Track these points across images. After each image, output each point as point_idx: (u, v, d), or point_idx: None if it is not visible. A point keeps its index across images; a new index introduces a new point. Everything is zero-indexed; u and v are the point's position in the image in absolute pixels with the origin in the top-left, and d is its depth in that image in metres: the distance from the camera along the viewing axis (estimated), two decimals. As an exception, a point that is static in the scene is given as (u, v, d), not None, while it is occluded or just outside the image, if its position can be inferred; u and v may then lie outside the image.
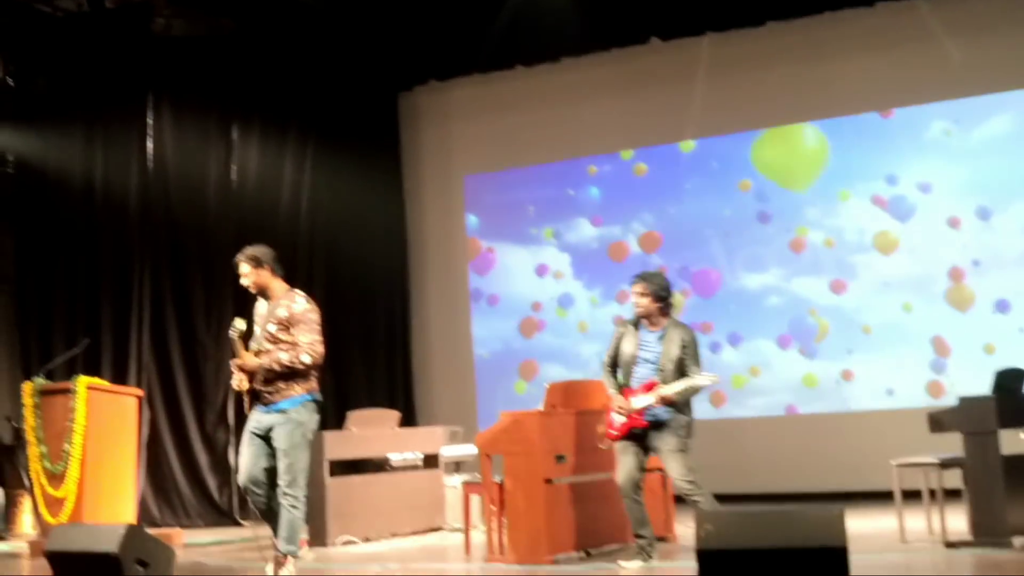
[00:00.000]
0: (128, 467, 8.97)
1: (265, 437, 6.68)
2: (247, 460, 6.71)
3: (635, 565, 6.77)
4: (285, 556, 6.59)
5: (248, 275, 6.88)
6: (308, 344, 6.64)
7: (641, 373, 6.91)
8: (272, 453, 6.66)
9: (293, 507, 6.58)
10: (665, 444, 6.79)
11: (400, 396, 12.98)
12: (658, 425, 6.82)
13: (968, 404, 6.96)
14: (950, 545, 6.89)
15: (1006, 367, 7.48)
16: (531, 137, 13.00)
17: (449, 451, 10.05)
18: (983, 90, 11.10)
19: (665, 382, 6.79)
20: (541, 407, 7.58)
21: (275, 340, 6.69)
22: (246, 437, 6.77)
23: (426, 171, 13.71)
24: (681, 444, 6.78)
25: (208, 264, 11.48)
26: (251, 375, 6.70)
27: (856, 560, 5.15)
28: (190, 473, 11.09)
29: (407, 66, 13.21)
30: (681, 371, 6.82)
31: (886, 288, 11.34)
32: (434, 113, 13.71)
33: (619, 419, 6.93)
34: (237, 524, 10.91)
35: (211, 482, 11.15)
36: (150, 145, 11.26)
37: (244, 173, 12.03)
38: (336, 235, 12.82)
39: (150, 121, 11.28)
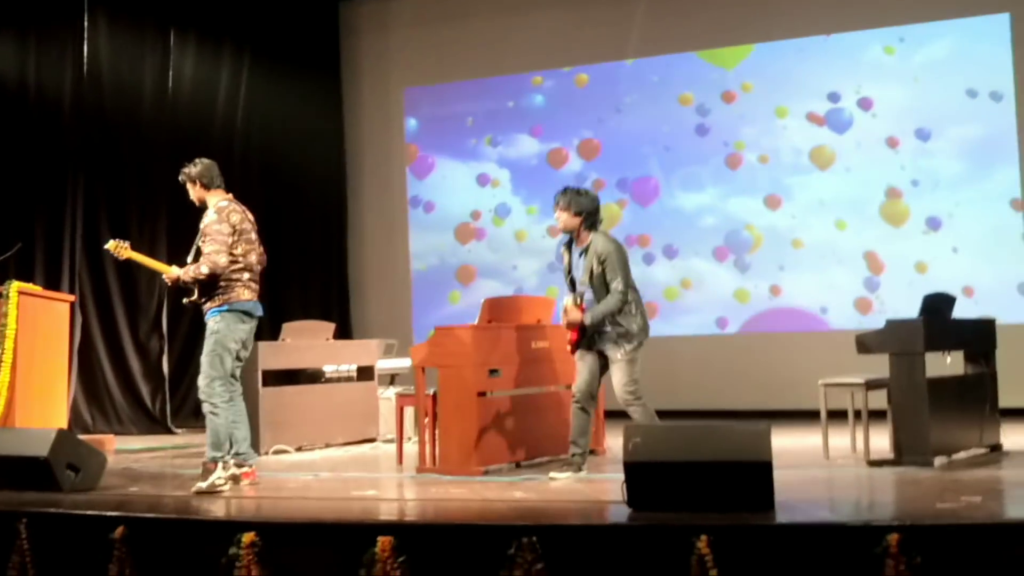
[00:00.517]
0: (60, 373, 8.88)
1: None
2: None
3: (565, 475, 6.86)
4: (212, 462, 6.63)
5: (189, 193, 7.09)
6: (206, 255, 6.77)
7: (581, 292, 6.92)
8: None
9: (212, 413, 6.73)
10: (611, 354, 6.83)
11: (336, 308, 12.96)
12: (603, 337, 6.84)
13: (895, 326, 7.08)
14: (873, 463, 7.04)
15: (935, 291, 7.61)
16: (473, 50, 12.89)
17: (384, 364, 10.07)
18: (925, 17, 11.14)
19: (592, 299, 6.81)
20: (476, 321, 7.60)
21: (200, 252, 6.87)
22: None
23: (365, 83, 13.55)
24: (626, 354, 6.79)
25: (143, 171, 11.33)
26: (176, 287, 6.97)
27: (779, 475, 5.27)
28: (123, 380, 11.03)
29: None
30: (605, 287, 6.79)
31: (821, 206, 11.46)
32: (375, 24, 13.52)
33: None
34: (170, 432, 10.89)
35: (144, 389, 11.09)
36: (86, 49, 10.98)
37: (180, 81, 11.83)
38: (273, 146, 12.68)
39: (86, 25, 10.99)
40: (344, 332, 12.28)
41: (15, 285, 8.50)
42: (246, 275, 6.88)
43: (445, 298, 12.97)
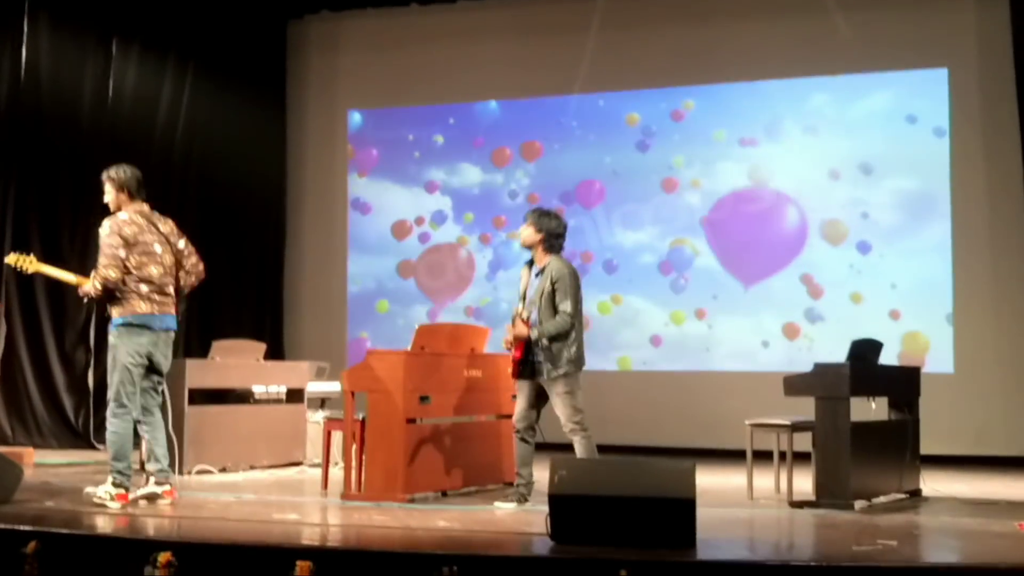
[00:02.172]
0: (-21, 382, 8.71)
1: None
2: None
3: (510, 506, 6.87)
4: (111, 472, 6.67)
5: (107, 194, 7.00)
6: (96, 269, 6.76)
7: (530, 312, 6.96)
8: None
9: (111, 427, 6.69)
10: (552, 387, 6.86)
11: (269, 328, 12.85)
12: (538, 367, 6.85)
13: (822, 370, 7.16)
14: (795, 505, 7.10)
15: (863, 337, 7.70)
16: (420, 76, 12.91)
17: (315, 386, 9.99)
18: (867, 67, 11.34)
19: (538, 318, 6.85)
20: (409, 347, 7.56)
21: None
22: None
23: (310, 102, 13.50)
24: (564, 386, 6.81)
25: (78, 180, 11.12)
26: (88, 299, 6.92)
27: (703, 513, 5.30)
28: (46, 392, 10.81)
29: (299, -6, 12.98)
30: (553, 308, 6.83)
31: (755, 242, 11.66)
32: (323, 44, 13.49)
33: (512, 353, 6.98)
34: (92, 447, 10.70)
35: (67, 403, 10.89)
36: (24, 53, 10.81)
37: (121, 90, 11.69)
38: (213, 160, 12.57)
39: (26, 28, 10.82)
40: (276, 353, 12.17)
41: (-62, 291, 8.34)
42: (144, 287, 6.79)
43: (380, 321, 12.90)
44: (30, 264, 6.97)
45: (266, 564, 4.98)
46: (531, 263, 7.09)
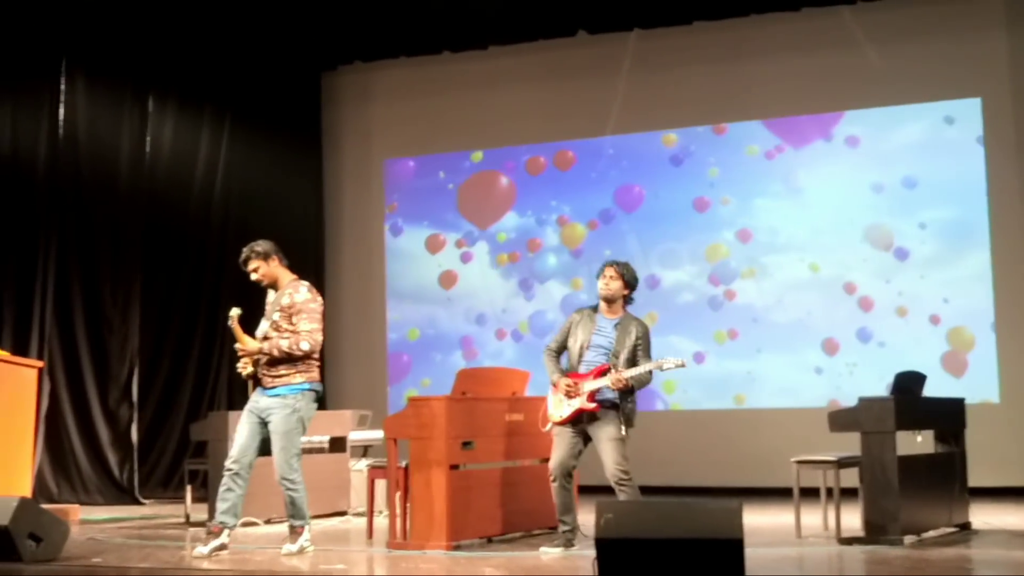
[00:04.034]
0: (25, 440, 8.75)
1: (261, 419, 6.92)
2: (243, 436, 6.92)
3: (556, 551, 6.84)
4: (301, 527, 6.92)
5: (258, 270, 7.13)
6: (307, 332, 6.88)
7: (592, 358, 6.92)
8: (266, 432, 6.91)
9: (292, 491, 6.87)
10: (605, 432, 6.82)
11: (310, 379, 12.86)
12: (605, 410, 6.83)
13: (867, 404, 7.09)
14: (843, 541, 7.01)
15: (907, 370, 7.63)
16: (454, 123, 12.98)
17: (357, 435, 9.99)
18: (899, 100, 11.32)
19: (616, 368, 6.83)
20: (450, 392, 7.56)
21: (278, 328, 6.94)
22: (244, 415, 6.99)
23: (346, 153, 13.62)
24: (619, 433, 6.80)
25: (117, 237, 11.28)
26: (255, 361, 6.94)
27: (751, 553, 5.24)
28: (90, 449, 10.88)
29: (332, 46, 13.12)
30: (633, 362, 6.86)
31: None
32: (357, 94, 13.63)
33: (567, 403, 6.89)
34: (137, 502, 10.75)
35: (112, 458, 10.95)
36: (62, 112, 10.96)
37: (158, 146, 11.84)
38: (251, 214, 12.67)
39: (63, 87, 10.98)
40: (318, 403, 12.16)
41: (-18, 349, 8.43)
42: (318, 357, 7.05)
43: (422, 371, 12.92)
44: (233, 320, 7.02)
45: (314, 615, 4.97)
46: (594, 309, 7.07)
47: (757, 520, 8.14)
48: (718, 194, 11.92)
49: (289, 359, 6.88)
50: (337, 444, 9.76)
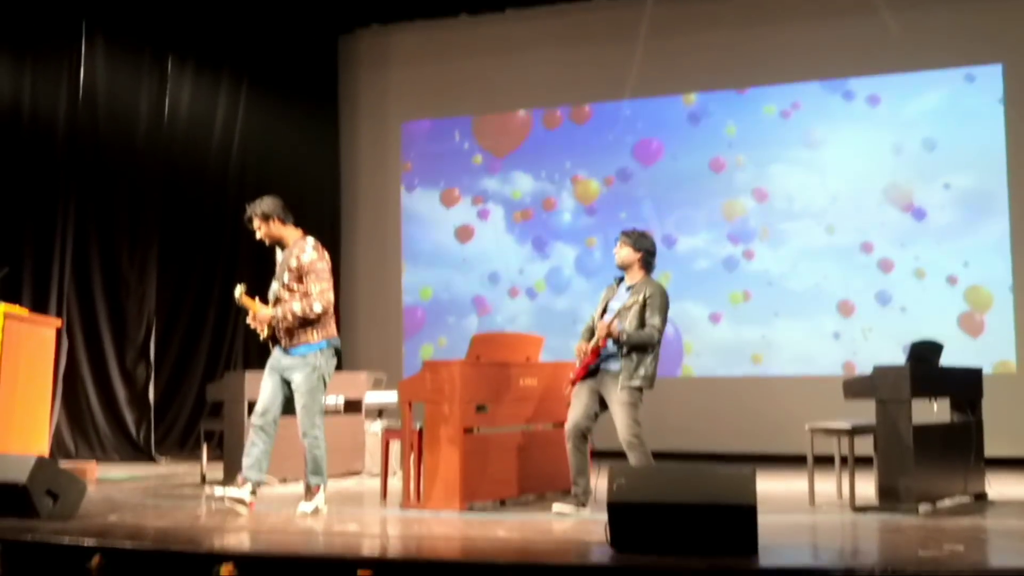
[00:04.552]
0: (43, 398, 8.81)
1: (283, 377, 7.00)
2: (267, 392, 7.00)
3: (568, 509, 6.88)
4: (317, 487, 6.99)
5: (260, 229, 7.14)
6: (319, 293, 6.91)
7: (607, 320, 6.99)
8: (288, 390, 6.99)
9: (315, 447, 6.96)
10: (612, 395, 6.88)
11: (326, 340, 12.90)
12: (614, 373, 6.88)
13: (882, 373, 7.07)
14: (857, 509, 7.01)
15: (923, 339, 7.61)
16: (472, 86, 12.94)
17: (372, 397, 10.03)
18: (920, 65, 11.21)
19: (623, 328, 6.86)
20: (465, 357, 7.58)
21: (290, 288, 6.97)
22: (267, 371, 7.06)
23: (363, 116, 13.59)
24: (631, 397, 6.84)
25: (136, 198, 11.31)
26: (272, 326, 6.99)
27: (764, 520, 5.24)
28: (108, 408, 10.95)
29: (349, 8, 13.05)
30: (641, 321, 6.89)
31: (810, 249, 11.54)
32: (374, 57, 13.57)
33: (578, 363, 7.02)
34: (153, 461, 10.82)
35: (129, 417, 11.01)
36: (82, 73, 10.96)
37: (176, 109, 11.86)
38: (268, 176, 12.62)
39: (83, 50, 10.98)
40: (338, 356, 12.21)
41: (1, 307, 8.46)
42: (331, 310, 7.04)
43: (436, 333, 12.94)
44: (243, 297, 7.02)
45: (327, 575, 5.00)
46: (621, 280, 7.14)
47: (771, 487, 8.15)
48: (735, 153, 11.84)
49: (305, 322, 6.90)
50: (352, 406, 9.81)
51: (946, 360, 7.69)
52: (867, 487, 7.19)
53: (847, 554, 5.84)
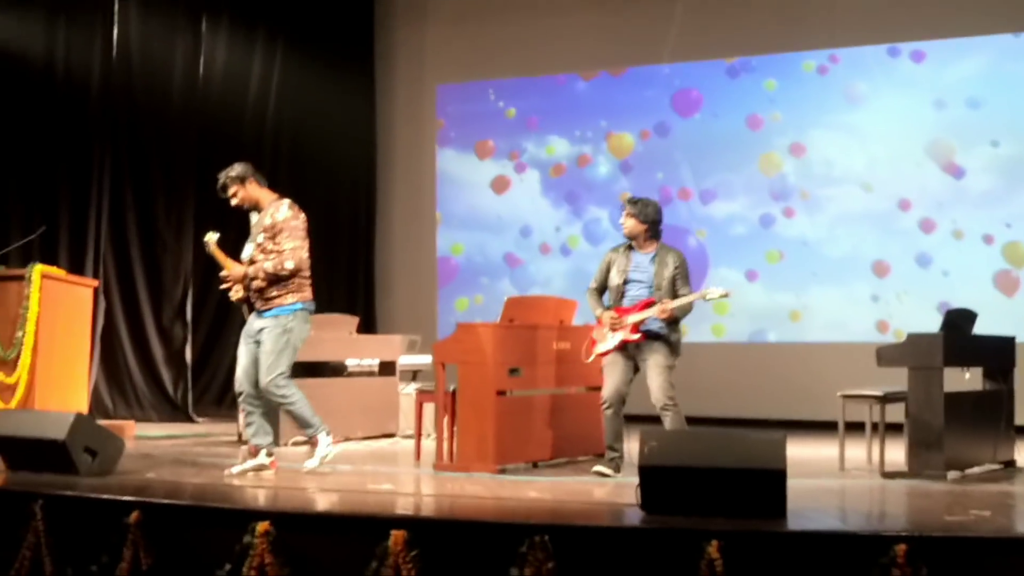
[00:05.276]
0: (81, 357, 8.94)
1: (257, 341, 6.86)
2: (242, 364, 6.89)
3: (608, 469, 6.96)
4: (314, 437, 6.88)
5: (235, 194, 7.02)
6: (291, 251, 6.79)
7: (634, 293, 7.06)
8: None
9: (287, 404, 6.84)
10: (653, 359, 6.96)
11: (361, 302, 13.01)
12: (652, 339, 6.96)
13: (915, 340, 7.06)
14: (886, 475, 7.03)
15: (957, 307, 7.59)
16: (508, 48, 12.90)
17: (407, 359, 10.11)
18: (961, 31, 11.08)
19: (661, 300, 6.93)
20: (499, 319, 7.63)
21: (264, 250, 6.85)
22: (241, 342, 6.95)
23: (399, 78, 13.59)
24: (669, 360, 6.96)
25: (170, 157, 11.37)
26: (245, 284, 6.86)
27: (793, 484, 5.27)
28: (145, 366, 11.08)
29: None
30: (673, 292, 6.97)
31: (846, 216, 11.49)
32: (411, 17, 13.55)
33: (611, 336, 7.04)
34: (191, 420, 10.96)
35: (166, 376, 11.14)
36: (116, 31, 11.00)
37: (211, 67, 11.88)
38: (303, 136, 12.74)
39: (116, 6, 11.01)
40: (368, 326, 12.32)
41: (38, 268, 8.57)
42: (307, 273, 6.96)
43: (471, 295, 13.00)
44: (212, 245, 7.00)
45: (361, 533, 5.08)
46: (629, 247, 7.15)
47: (801, 453, 8.17)
48: (773, 110, 11.79)
49: (277, 280, 6.79)
50: (387, 368, 9.89)
51: (982, 322, 7.65)
52: (897, 454, 7.21)
53: (874, 518, 5.88)
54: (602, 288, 7.23)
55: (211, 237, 6.99)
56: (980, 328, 7.66)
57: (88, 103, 10.83)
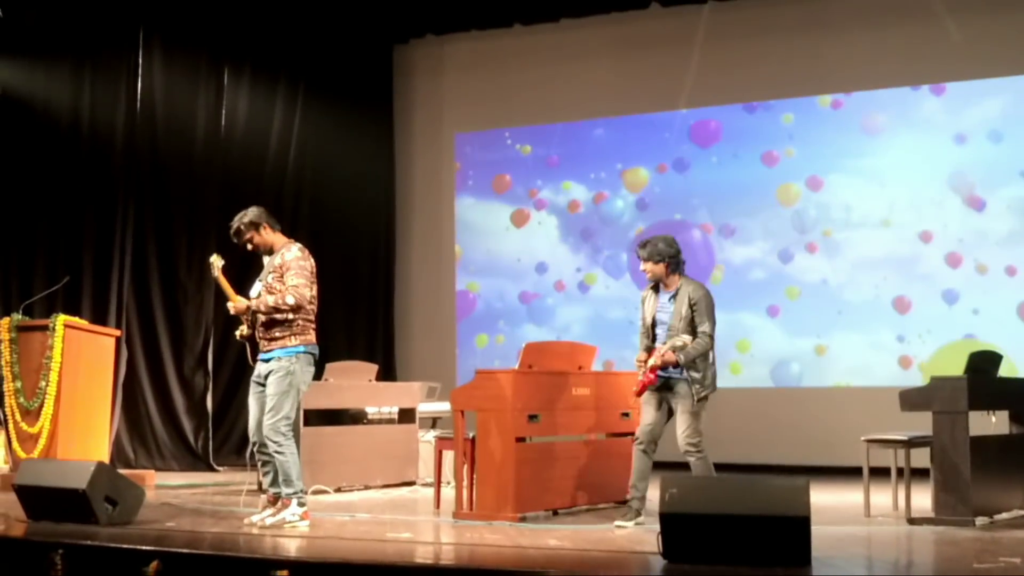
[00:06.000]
0: (103, 406, 8.98)
1: (264, 386, 6.83)
2: (254, 414, 6.88)
3: (630, 524, 6.83)
4: (288, 498, 6.72)
5: (251, 239, 7.05)
6: (292, 287, 6.78)
7: (661, 334, 7.02)
8: None
9: (278, 452, 6.71)
10: (679, 403, 6.92)
11: (380, 350, 12.99)
12: (678, 381, 6.90)
13: (939, 383, 6.99)
14: (913, 522, 6.93)
15: (981, 350, 7.52)
16: (525, 97, 12.95)
17: (426, 407, 10.08)
18: (979, 74, 11.07)
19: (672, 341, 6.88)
20: (517, 366, 7.60)
21: (271, 289, 6.86)
22: (251, 392, 6.93)
23: (417, 126, 13.67)
24: (693, 406, 6.87)
25: (192, 207, 11.44)
26: (252, 324, 6.87)
27: (818, 531, 5.22)
28: (166, 416, 11.08)
29: (404, 18, 13.14)
30: (692, 329, 6.89)
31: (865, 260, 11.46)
32: (429, 68, 13.65)
33: (640, 377, 7.02)
34: (212, 469, 10.94)
35: (187, 426, 11.15)
36: (139, 83, 11.13)
37: (233, 117, 11.97)
38: (323, 185, 12.80)
39: (140, 59, 11.15)
40: (388, 374, 12.31)
41: (61, 318, 8.63)
42: (312, 318, 6.95)
43: (491, 334, 12.99)
44: (217, 269, 7.02)
45: (380, 583, 5.05)
46: (656, 287, 7.12)
47: (825, 499, 8.09)
48: (788, 146, 11.80)
49: (278, 314, 6.75)
50: (406, 415, 9.86)
51: (1008, 352, 7.57)
52: (923, 499, 7.12)
53: (902, 566, 5.80)
54: (646, 328, 7.16)
55: (216, 260, 7.02)
56: (1007, 357, 7.58)
57: (112, 154, 10.94)
